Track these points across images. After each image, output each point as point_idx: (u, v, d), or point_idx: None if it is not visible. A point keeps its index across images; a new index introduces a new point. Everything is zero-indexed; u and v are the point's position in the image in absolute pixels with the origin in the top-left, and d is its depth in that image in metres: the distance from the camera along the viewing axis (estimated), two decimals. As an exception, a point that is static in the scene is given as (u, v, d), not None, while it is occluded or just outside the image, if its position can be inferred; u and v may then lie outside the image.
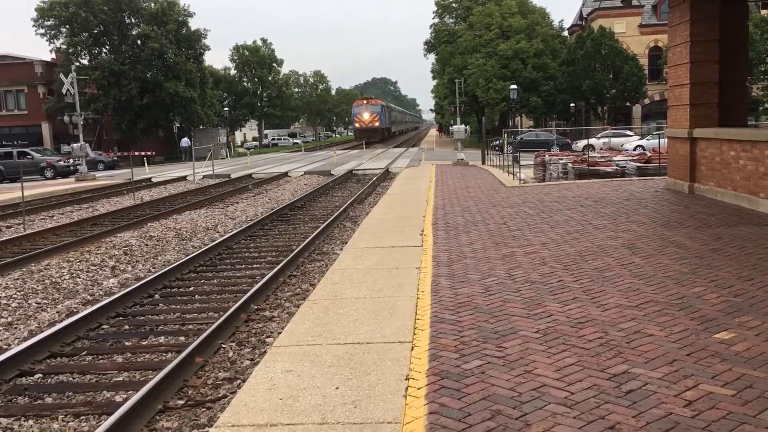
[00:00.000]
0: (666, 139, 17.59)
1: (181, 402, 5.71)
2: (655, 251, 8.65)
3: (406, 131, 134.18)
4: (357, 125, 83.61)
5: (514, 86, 47.12)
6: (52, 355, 7.02)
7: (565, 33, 73.77)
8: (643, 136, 42.95)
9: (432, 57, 78.19)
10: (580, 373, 4.66)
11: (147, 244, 13.89)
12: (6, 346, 7.48)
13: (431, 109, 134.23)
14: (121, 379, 6.42)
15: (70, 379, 6.46)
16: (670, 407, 4.07)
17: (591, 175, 20.68)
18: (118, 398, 5.87)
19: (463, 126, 37.74)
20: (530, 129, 60.16)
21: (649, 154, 23.82)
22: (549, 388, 4.44)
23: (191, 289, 10.10)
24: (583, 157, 23.60)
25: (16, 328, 8.35)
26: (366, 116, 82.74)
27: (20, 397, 6.01)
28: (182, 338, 7.59)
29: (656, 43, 61.36)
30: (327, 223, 15.19)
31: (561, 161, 22.58)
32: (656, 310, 6.05)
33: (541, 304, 6.44)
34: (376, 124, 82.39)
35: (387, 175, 29.61)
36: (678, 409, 4.05)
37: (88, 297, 9.79)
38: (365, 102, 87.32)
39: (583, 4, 70.48)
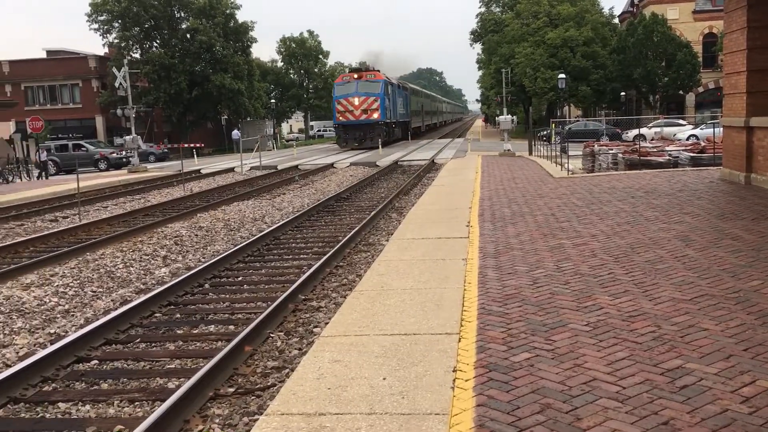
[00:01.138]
0: (721, 129, 17.09)
1: (232, 390, 5.81)
2: (709, 243, 8.43)
3: (444, 124, 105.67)
4: (340, 118, 47.69)
5: (562, 75, 46.38)
6: (107, 342, 7.22)
7: (616, 20, 72.18)
8: (696, 126, 41.81)
9: (478, 47, 77.38)
10: (632, 368, 4.57)
11: (197, 235, 14.14)
12: (64, 333, 7.72)
13: (477, 100, 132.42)
14: (173, 366, 6.56)
15: (125, 365, 6.63)
16: (726, 403, 3.97)
17: (642, 165, 20.24)
18: (170, 385, 6.00)
19: (509, 116, 37.36)
20: (578, 119, 59.20)
21: (703, 144, 23.19)
22: (600, 382, 4.37)
23: (240, 278, 10.25)
24: (633, 147, 23.10)
25: (72, 315, 8.60)
26: (356, 102, 46.73)
27: (78, 383, 6.19)
28: (231, 327, 7.71)
29: (711, 29, 59.59)
30: (373, 214, 15.22)
31: (611, 151, 22.16)
32: (711, 304, 5.90)
33: (591, 296, 6.34)
34: (375, 116, 46.52)
35: (432, 167, 29.50)
36: (734, 405, 3.94)
37: (141, 286, 10.02)
38: (356, 77, 48.06)
39: (634, -9, 68.79)
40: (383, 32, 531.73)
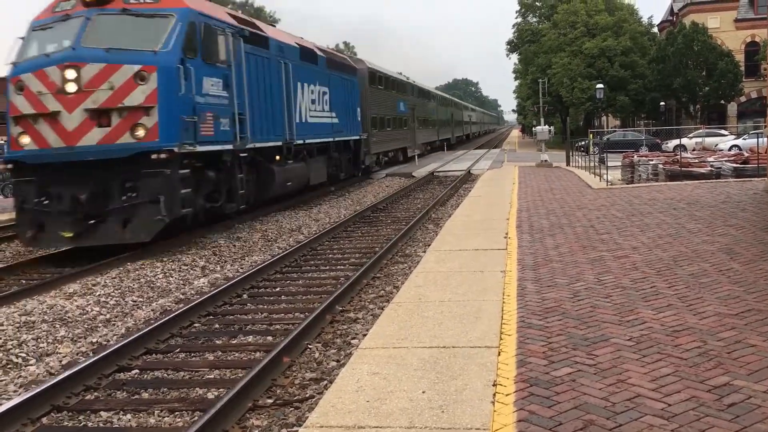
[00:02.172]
0: (765, 139, 16.69)
1: (270, 401, 5.82)
2: (755, 257, 8.22)
3: (470, 138, 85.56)
4: (21, 136, 12.42)
5: (600, 85, 45.89)
6: (147, 352, 7.30)
7: (655, 29, 71.32)
8: (738, 136, 40.96)
9: (514, 57, 77.11)
10: (677, 384, 4.46)
11: (234, 245, 14.27)
12: (105, 342, 7.84)
13: (513, 110, 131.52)
14: (212, 376, 6.61)
15: (165, 375, 6.70)
16: (778, 423, 3.85)
17: (683, 176, 19.86)
18: (210, 395, 6.04)
19: (546, 126, 37.04)
20: (615, 129, 58.43)
21: (746, 155, 22.68)
22: (644, 398, 4.27)
23: (277, 289, 10.31)
24: (674, 157, 22.71)
25: (113, 324, 8.73)
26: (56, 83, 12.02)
27: (119, 392, 6.27)
28: (270, 338, 7.75)
29: (753, 38, 58.47)
30: (409, 225, 15.20)
31: (651, 162, 21.81)
32: (759, 320, 5.74)
33: (634, 310, 6.23)
34: (140, 132, 12.16)
35: (469, 177, 29.38)
36: (786, 425, 3.82)
37: (180, 296, 10.13)
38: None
39: (673, 0, 67.93)
40: (417, 41, 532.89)
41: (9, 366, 7.18)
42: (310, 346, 7.28)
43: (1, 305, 9.18)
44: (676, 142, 37.48)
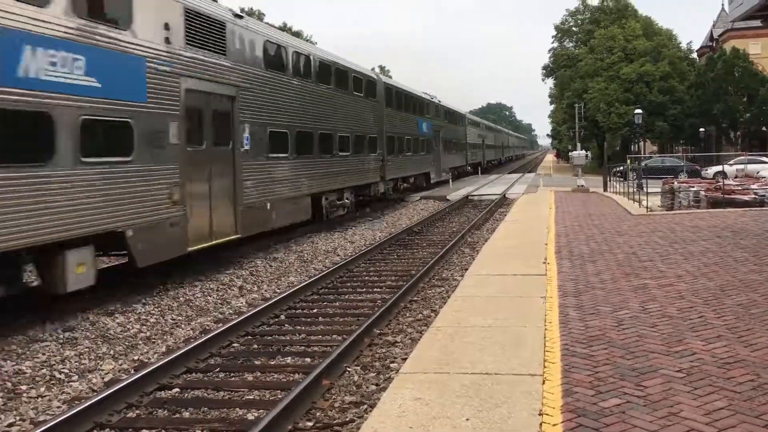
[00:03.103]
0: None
1: (310, 424, 5.80)
2: (806, 288, 7.99)
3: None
4: None
5: (638, 110, 45.44)
6: (188, 371, 7.34)
7: (694, 55, 70.55)
8: (781, 163, 40.05)
9: (550, 82, 76.82)
10: (732, 419, 4.33)
11: (271, 266, 14.34)
12: (146, 360, 7.90)
13: (548, 135, 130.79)
14: (252, 397, 6.61)
15: (205, 394, 6.71)
16: (841, 463, 3.70)
17: (726, 203, 19.48)
18: (250, 416, 6.03)
19: (583, 151, 36.80)
20: (650, 155, 57.68)
21: (790, 182, 22.19)
22: (698, 432, 4.15)
23: (314, 311, 10.30)
24: (717, 184, 22.30)
25: (154, 342, 8.81)
26: None
27: (160, 410, 6.30)
28: (308, 359, 7.73)
29: (796, 64, 57.39)
30: (446, 248, 15.13)
31: (692, 189, 21.45)
32: (814, 353, 5.56)
33: (682, 341, 6.08)
34: None
35: (504, 201, 29.21)
36: None
37: (219, 315, 10.19)
38: None
39: (713, 26, 67.22)
40: (450, 65, 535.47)
41: (52, 382, 7.27)
42: (349, 369, 7.24)
43: (44, 321, 9.32)
44: (716, 168, 36.85)
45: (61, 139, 9.04)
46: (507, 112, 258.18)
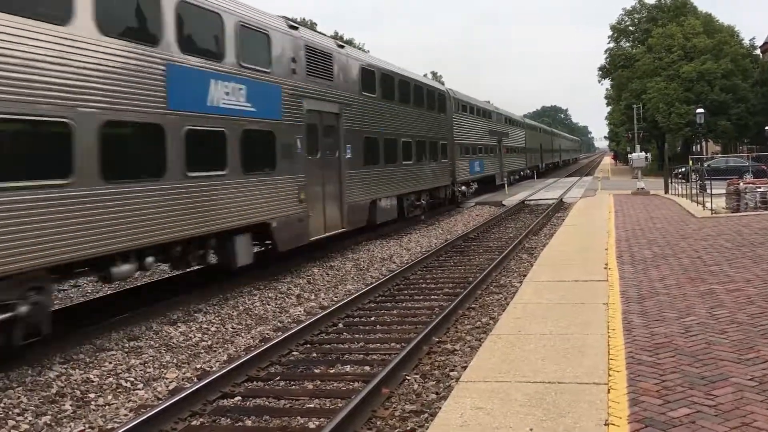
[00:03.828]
0: None
1: (371, 432, 5.79)
2: None
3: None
4: None
5: (700, 110, 44.14)
6: (249, 379, 7.43)
7: (757, 51, 68.16)
8: None
9: (606, 83, 75.29)
10: (811, 430, 4.13)
11: (328, 274, 14.44)
12: (209, 369, 8.04)
13: (604, 137, 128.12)
14: (312, 405, 6.64)
15: (266, 403, 6.79)
16: None
17: (795, 204, 18.73)
18: (311, 425, 6.06)
19: (642, 153, 35.93)
20: (715, 155, 55.92)
21: None
22: (774, 444, 3.98)
23: (372, 318, 10.32)
24: (784, 184, 21.43)
25: (215, 351, 8.96)
26: None
27: (223, 418, 6.39)
28: (367, 368, 7.74)
29: None
30: (503, 255, 14.96)
31: (759, 189, 20.67)
32: None
33: (753, 348, 5.85)
34: None
35: (561, 206, 28.75)
36: None
37: (278, 323, 10.30)
38: None
39: (777, 19, 64.82)
40: (506, 70, 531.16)
41: (119, 390, 7.46)
42: (408, 378, 7.22)
43: (110, 330, 9.59)
44: (784, 167, 35.51)
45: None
46: (562, 115, 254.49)
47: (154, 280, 14.29)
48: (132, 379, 7.76)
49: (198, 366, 8.22)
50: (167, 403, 6.25)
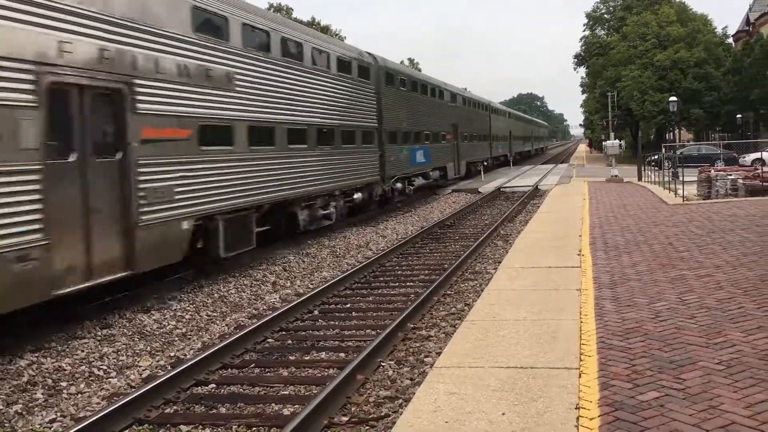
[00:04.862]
0: None
1: (345, 419, 5.81)
2: None
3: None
4: None
5: (673, 98, 44.50)
6: (223, 366, 7.41)
7: (729, 40, 68.99)
8: (822, 148, 38.99)
9: (582, 71, 75.76)
10: (775, 412, 4.23)
11: (304, 261, 14.41)
12: (183, 356, 8.00)
13: (580, 124, 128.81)
14: (287, 392, 6.65)
15: (241, 390, 6.78)
16: None
17: (765, 191, 19.05)
18: (285, 411, 6.06)
19: (616, 141, 36.30)
20: (687, 143, 56.64)
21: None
22: (739, 426, 4.07)
23: (348, 305, 10.33)
24: (755, 172, 21.81)
25: (189, 339, 8.91)
26: None
27: (197, 406, 6.37)
28: (342, 354, 7.75)
29: (837, 46, 55.75)
30: (478, 241, 15.04)
31: (730, 177, 21.01)
32: None
33: (721, 332, 5.96)
34: None
35: (536, 193, 28.93)
36: None
37: (253, 311, 10.27)
38: None
39: (750, 9, 65.66)
40: (483, 58, 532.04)
41: (91, 378, 7.40)
42: (383, 364, 7.25)
43: (83, 319, 9.50)
44: (754, 155, 36.10)
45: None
46: (538, 102, 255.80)
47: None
48: (105, 368, 7.70)
49: (172, 354, 8.18)
50: (140, 391, 6.22)
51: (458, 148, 35.36)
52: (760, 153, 35.88)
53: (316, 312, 9.96)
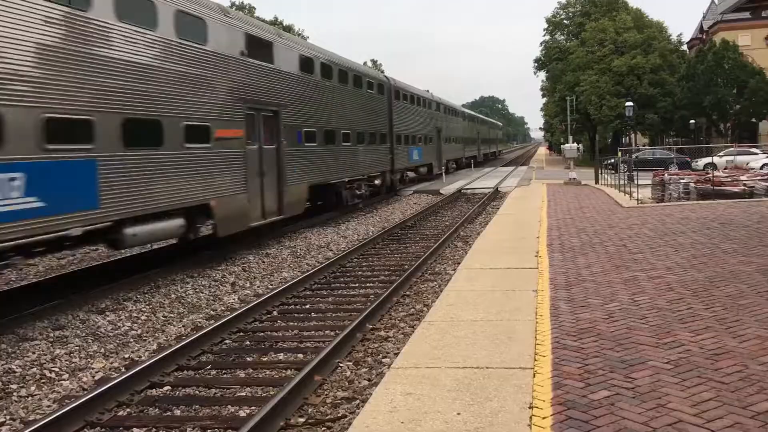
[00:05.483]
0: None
1: (302, 420, 5.80)
2: (795, 278, 8.03)
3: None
4: None
5: (630, 103, 45.43)
6: (179, 368, 7.33)
7: (684, 47, 70.67)
8: (771, 154, 40.17)
9: (542, 75, 76.82)
10: (719, 410, 4.36)
11: (264, 261, 14.33)
12: (137, 358, 7.89)
13: (540, 128, 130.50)
14: (244, 394, 6.61)
15: (197, 392, 6.71)
16: (827, 452, 3.73)
17: (716, 195, 19.58)
18: (242, 413, 6.03)
19: (574, 144, 36.86)
20: (644, 147, 57.84)
21: (780, 173, 22.28)
22: (686, 424, 4.18)
23: (307, 306, 10.31)
24: (706, 176, 22.39)
25: (145, 340, 8.79)
26: None
27: (151, 408, 6.29)
28: (300, 355, 7.74)
29: (785, 55, 57.58)
30: (438, 242, 15.14)
31: (682, 180, 21.53)
32: (802, 344, 5.60)
33: (671, 332, 6.11)
34: None
35: (497, 195, 29.25)
36: (836, 454, 3.70)
37: (211, 312, 10.18)
38: None
39: (703, 17, 67.37)
40: (446, 61, 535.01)
41: (42, 381, 7.25)
42: (341, 365, 7.25)
43: (34, 320, 9.29)
44: (706, 160, 37.03)
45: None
46: (500, 105, 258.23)
47: (83, 267, 13.90)
48: (57, 370, 7.55)
49: (126, 355, 8.06)
50: (92, 394, 6.12)
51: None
52: (711, 158, 36.83)
53: (275, 313, 9.92)
